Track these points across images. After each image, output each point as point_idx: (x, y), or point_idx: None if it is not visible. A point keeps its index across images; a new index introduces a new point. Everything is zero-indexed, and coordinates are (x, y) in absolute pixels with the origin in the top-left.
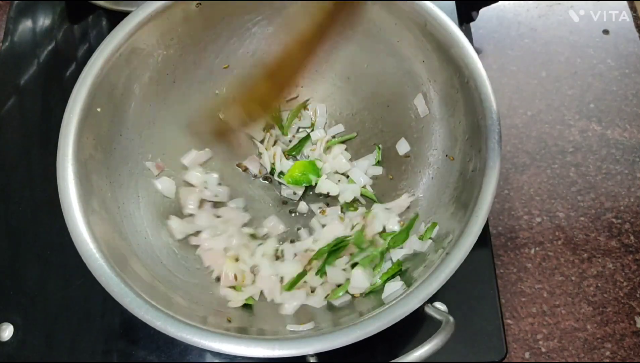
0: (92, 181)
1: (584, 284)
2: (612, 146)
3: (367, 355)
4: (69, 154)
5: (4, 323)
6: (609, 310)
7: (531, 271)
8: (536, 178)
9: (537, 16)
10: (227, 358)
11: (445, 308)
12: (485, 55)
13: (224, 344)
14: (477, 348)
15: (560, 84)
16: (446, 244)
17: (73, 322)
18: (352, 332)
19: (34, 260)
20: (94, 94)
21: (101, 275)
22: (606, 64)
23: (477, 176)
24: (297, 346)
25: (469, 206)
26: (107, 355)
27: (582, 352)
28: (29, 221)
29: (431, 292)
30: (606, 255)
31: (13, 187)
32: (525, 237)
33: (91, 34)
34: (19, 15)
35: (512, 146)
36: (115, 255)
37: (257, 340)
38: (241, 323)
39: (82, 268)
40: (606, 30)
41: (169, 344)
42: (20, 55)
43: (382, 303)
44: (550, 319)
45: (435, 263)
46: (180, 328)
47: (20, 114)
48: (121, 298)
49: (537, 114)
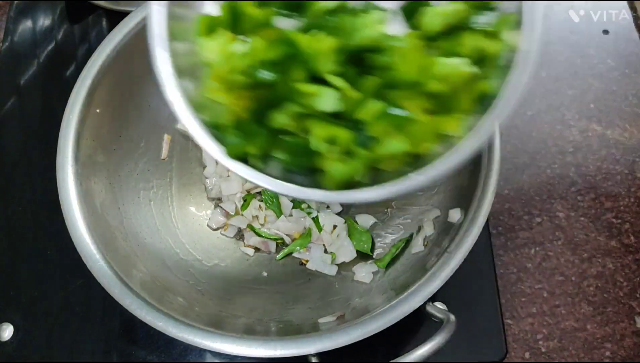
0: (92, 182)
1: (584, 284)
2: (612, 146)
3: (368, 354)
4: (68, 155)
5: (4, 323)
6: (609, 310)
7: (531, 271)
8: (536, 178)
9: None
10: (227, 358)
11: (446, 308)
12: None
13: (224, 344)
14: (477, 348)
15: (560, 84)
16: (446, 244)
17: (73, 322)
18: (353, 332)
19: (34, 260)
20: (93, 94)
21: (102, 276)
22: (606, 64)
23: (477, 176)
24: (298, 346)
25: (469, 206)
26: (107, 355)
27: (582, 352)
28: (29, 221)
29: (431, 292)
30: (606, 255)
31: (13, 187)
32: (525, 237)
33: (91, 34)
34: (19, 15)
35: (512, 146)
36: (115, 256)
37: (258, 340)
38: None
39: (82, 268)
40: (606, 31)
41: (169, 344)
42: (20, 55)
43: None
44: (550, 319)
45: (436, 262)
46: (181, 329)
47: (20, 114)
48: (122, 299)
49: (537, 114)
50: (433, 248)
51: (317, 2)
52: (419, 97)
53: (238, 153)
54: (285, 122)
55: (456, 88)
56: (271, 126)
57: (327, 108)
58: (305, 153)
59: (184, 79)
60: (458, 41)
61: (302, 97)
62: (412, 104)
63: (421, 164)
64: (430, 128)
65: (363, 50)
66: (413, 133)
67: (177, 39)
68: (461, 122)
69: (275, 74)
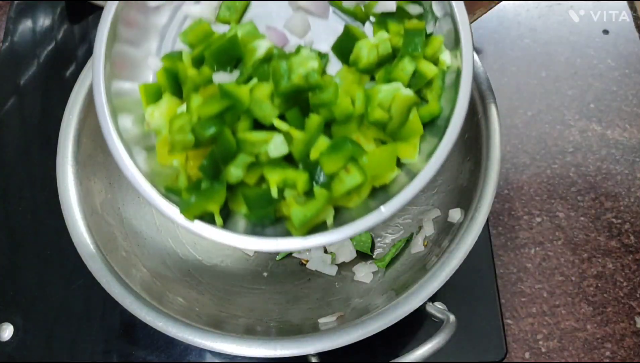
0: (92, 182)
1: (584, 284)
2: (612, 146)
3: (368, 354)
4: (68, 155)
5: (4, 323)
6: (609, 310)
7: (531, 271)
8: (536, 178)
9: (537, 16)
10: (227, 358)
11: (445, 308)
12: (485, 55)
13: (224, 344)
14: (477, 348)
15: (560, 84)
16: (446, 244)
17: (73, 322)
18: (353, 332)
19: (34, 260)
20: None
21: (102, 276)
22: (606, 64)
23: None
24: (298, 346)
25: (469, 206)
26: (107, 355)
27: (582, 352)
28: (29, 221)
29: (431, 292)
30: (606, 255)
31: (13, 187)
32: (525, 237)
33: (91, 34)
34: (19, 15)
35: (512, 146)
36: (115, 256)
37: (258, 340)
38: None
39: (82, 268)
40: (606, 31)
41: (169, 344)
42: (20, 55)
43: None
44: (550, 319)
45: (436, 262)
46: (181, 329)
47: (20, 114)
48: (122, 299)
49: (537, 114)
50: (433, 248)
51: (251, 54)
52: (367, 128)
53: (197, 213)
54: (240, 175)
55: (402, 113)
56: (228, 181)
57: (276, 153)
58: (266, 202)
59: (139, 150)
60: (396, 68)
61: (251, 147)
62: (361, 136)
63: (383, 196)
64: (384, 157)
65: (302, 90)
66: (367, 164)
67: (125, 112)
68: (415, 148)
69: (218, 128)
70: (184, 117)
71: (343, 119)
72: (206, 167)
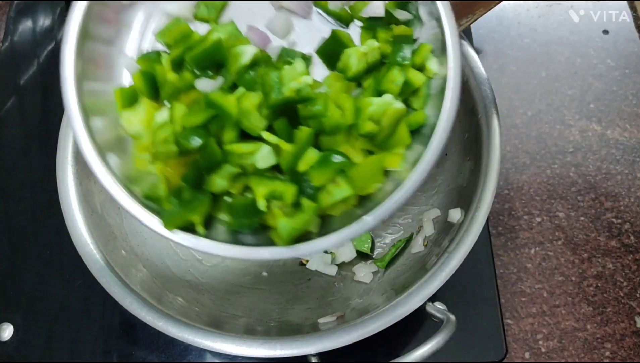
0: (92, 181)
1: (584, 284)
2: (612, 146)
3: (368, 354)
4: (68, 155)
5: (4, 323)
6: (609, 310)
7: (531, 271)
8: (536, 178)
9: (537, 16)
10: (227, 358)
11: (445, 308)
12: (485, 55)
13: (224, 344)
14: (477, 348)
15: (560, 84)
16: (446, 244)
17: (73, 322)
18: (353, 332)
19: (34, 260)
20: None
21: (102, 276)
22: (606, 64)
23: (477, 176)
24: (298, 346)
25: (469, 206)
26: (107, 355)
27: (582, 352)
28: (29, 221)
29: (431, 292)
30: (606, 255)
31: (13, 187)
32: (525, 237)
33: None
34: (19, 15)
35: (512, 146)
36: (115, 256)
37: (258, 340)
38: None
39: (82, 268)
40: (606, 31)
41: (169, 344)
42: (20, 55)
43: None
44: (550, 319)
45: (436, 262)
46: (181, 329)
47: (20, 114)
48: (122, 299)
49: (537, 114)
50: (433, 248)
51: (235, 59)
52: (355, 140)
53: (179, 223)
54: (225, 185)
55: (391, 125)
56: (212, 191)
57: (263, 165)
58: (251, 212)
59: (112, 154)
60: (385, 79)
61: (237, 158)
62: (349, 147)
63: (369, 203)
64: (372, 169)
65: (292, 102)
66: (355, 176)
67: (97, 114)
68: (401, 158)
69: (203, 138)
70: (167, 128)
71: (332, 130)
72: (189, 177)
